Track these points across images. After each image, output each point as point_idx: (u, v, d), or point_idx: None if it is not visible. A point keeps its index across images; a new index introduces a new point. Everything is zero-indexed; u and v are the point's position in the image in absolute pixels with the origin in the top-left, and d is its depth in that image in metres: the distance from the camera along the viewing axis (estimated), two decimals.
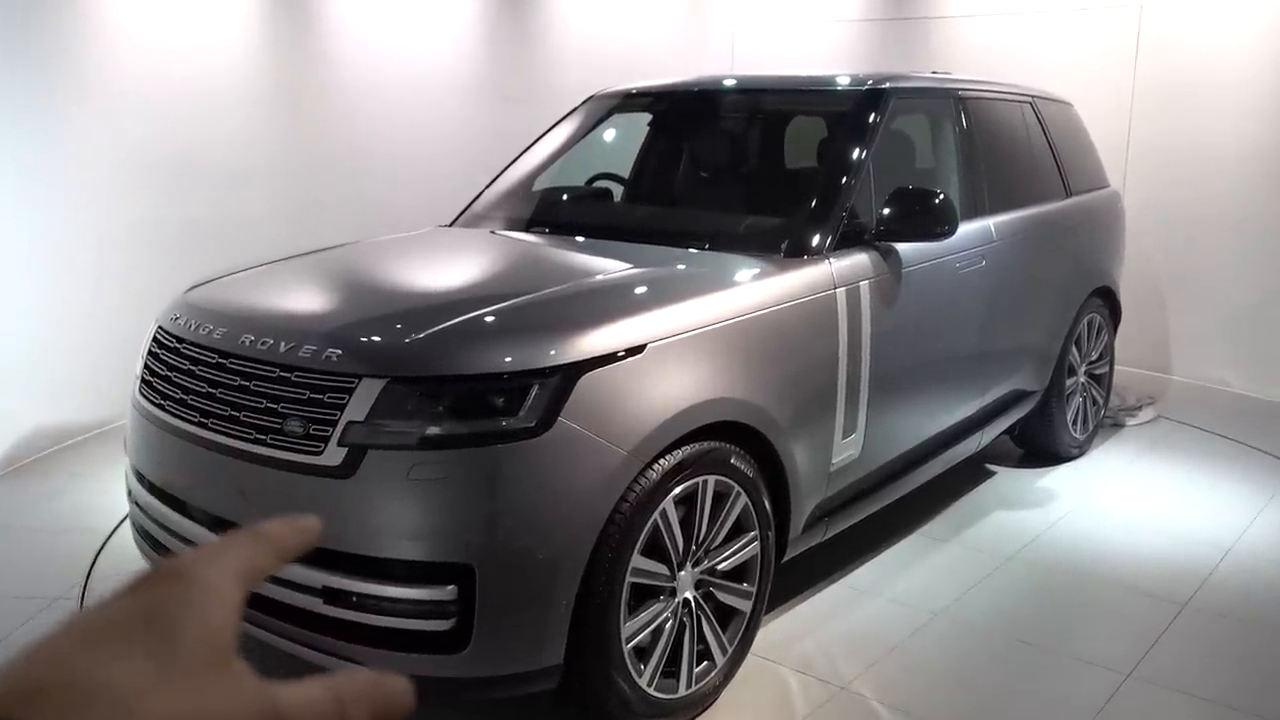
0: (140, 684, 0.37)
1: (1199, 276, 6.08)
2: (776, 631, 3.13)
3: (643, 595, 2.53)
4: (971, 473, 4.47)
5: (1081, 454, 4.78)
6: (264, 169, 5.54)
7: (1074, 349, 4.57)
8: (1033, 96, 4.54)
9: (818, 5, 7.25)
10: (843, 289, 3.05)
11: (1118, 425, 5.29)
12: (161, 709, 0.37)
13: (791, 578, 3.33)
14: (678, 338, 2.57)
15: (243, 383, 2.50)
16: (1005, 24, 6.56)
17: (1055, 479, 4.52)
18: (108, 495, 4.00)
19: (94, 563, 3.58)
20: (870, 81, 3.64)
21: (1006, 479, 4.51)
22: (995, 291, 3.86)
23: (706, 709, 2.73)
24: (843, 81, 3.71)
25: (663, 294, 2.73)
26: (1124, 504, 4.28)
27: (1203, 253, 6.05)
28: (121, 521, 3.80)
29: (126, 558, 3.49)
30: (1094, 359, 4.82)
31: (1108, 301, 4.86)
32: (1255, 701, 2.83)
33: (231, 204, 5.33)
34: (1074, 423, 4.67)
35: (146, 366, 2.85)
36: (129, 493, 2.95)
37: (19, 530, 3.87)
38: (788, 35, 7.32)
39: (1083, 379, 4.73)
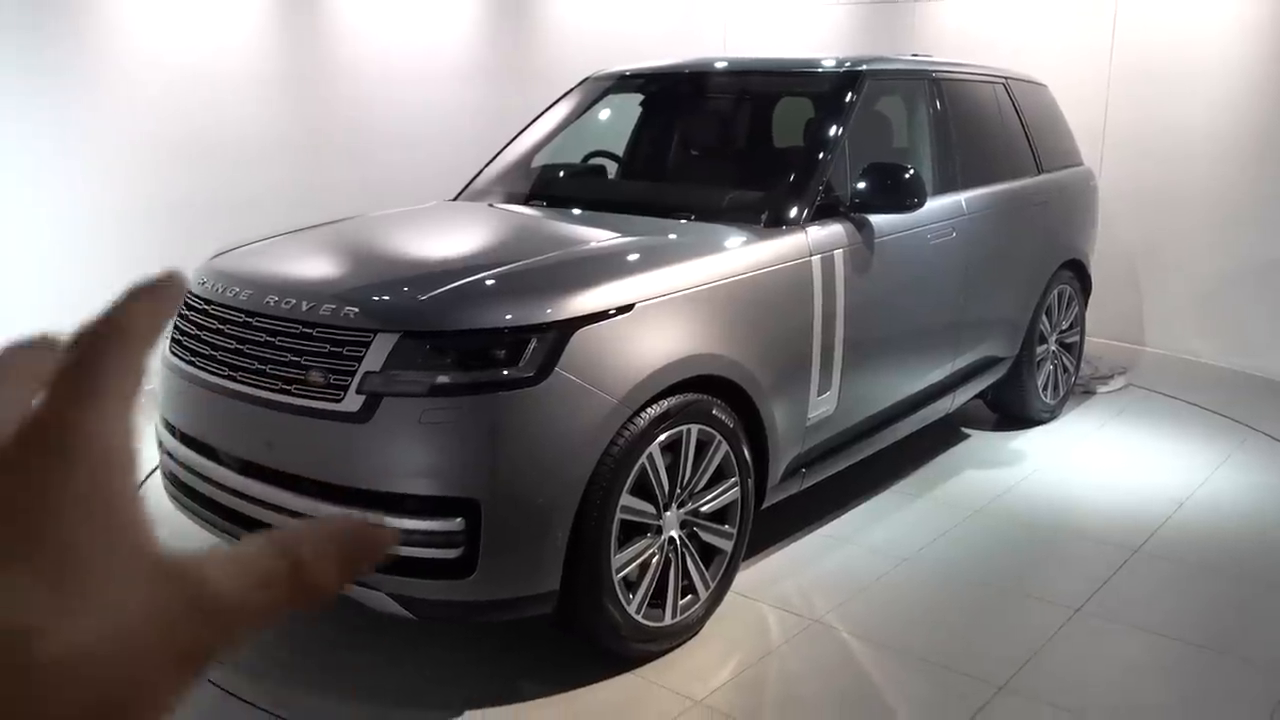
0: (32, 616, 0.28)
1: (1171, 252, 6.33)
2: (757, 574, 3.39)
3: (632, 531, 2.78)
4: (947, 435, 4.74)
5: (1053, 418, 5.04)
6: (273, 149, 5.78)
7: (1044, 318, 4.82)
8: (1006, 78, 4.77)
9: None
10: (818, 257, 3.30)
11: (1089, 392, 5.55)
12: (69, 642, 0.28)
13: (773, 526, 3.60)
14: (663, 298, 2.82)
15: (268, 339, 2.75)
16: (989, 8, 6.78)
17: (1026, 441, 4.78)
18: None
19: None
20: (848, 64, 3.87)
21: (980, 441, 4.77)
22: (966, 262, 4.10)
23: (691, 638, 3.00)
24: (822, 64, 3.94)
25: (650, 259, 2.97)
26: (1089, 463, 4.54)
27: (1175, 230, 6.29)
28: (150, 474, 4.07)
29: (155, 505, 3.76)
30: (1065, 328, 5.08)
31: (1078, 274, 5.10)
32: (1191, 633, 3.10)
33: (242, 183, 5.57)
34: (1045, 388, 4.93)
35: (176, 327, 3.09)
36: (159, 443, 3.21)
37: None
38: (779, 19, 7.53)
39: (1054, 347, 4.98)
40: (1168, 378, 5.83)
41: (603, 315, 2.67)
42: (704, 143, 4.36)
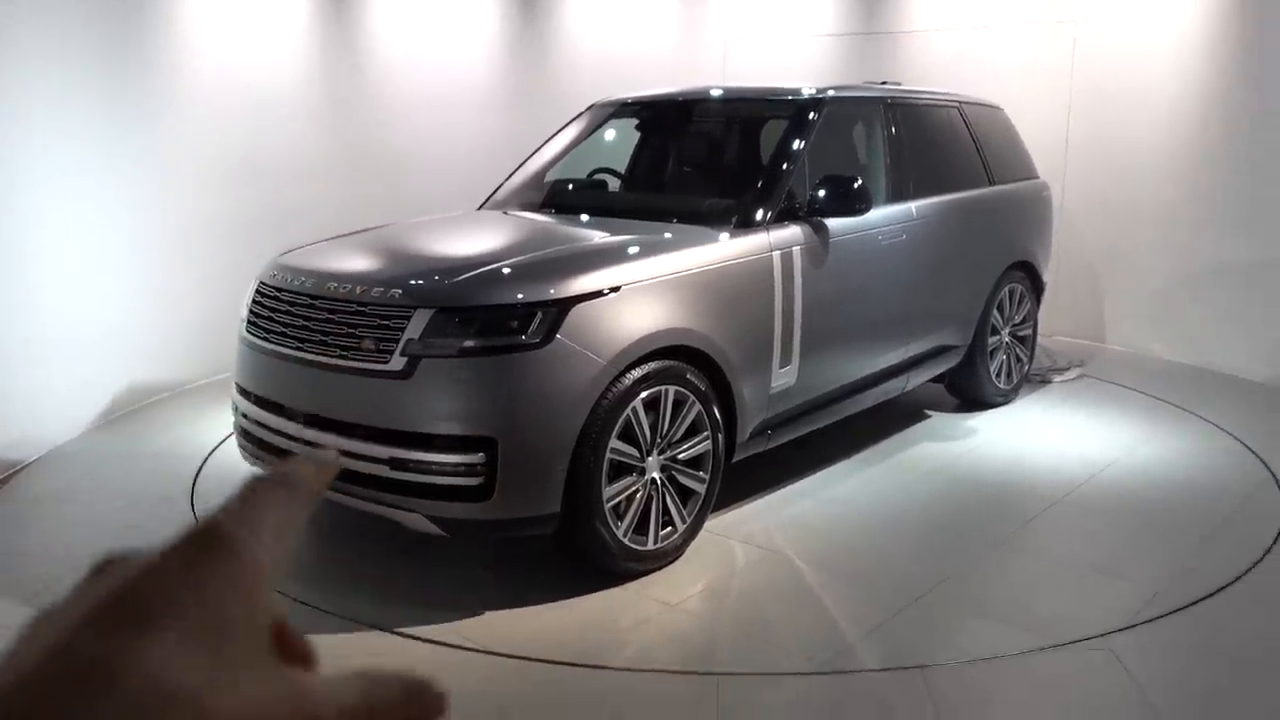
0: (205, 680, 0.34)
1: (1129, 256, 6.96)
2: (730, 519, 4.04)
3: (620, 470, 3.45)
4: (909, 415, 5.38)
5: (1007, 402, 5.67)
6: (317, 167, 6.54)
7: (996, 312, 5.47)
8: (960, 101, 5.44)
9: (800, 20, 8.17)
10: (777, 252, 3.97)
11: (1045, 382, 6.17)
12: (228, 709, 0.34)
13: (746, 483, 4.25)
14: (646, 282, 3.50)
15: (329, 316, 3.45)
16: (961, 37, 7.45)
17: (980, 420, 5.42)
18: (201, 435, 4.96)
19: (196, 476, 4.53)
20: (812, 91, 4.56)
21: (938, 420, 5.41)
22: (914, 260, 4.76)
23: (672, 562, 3.65)
24: (789, 91, 4.63)
25: (635, 252, 3.66)
26: (1033, 436, 5.17)
27: (1131, 236, 6.92)
28: (218, 445, 4.79)
29: (226, 470, 4.47)
30: (1017, 322, 5.71)
31: (1029, 274, 5.74)
32: (1089, 560, 3.73)
33: (289, 198, 6.32)
34: (998, 375, 5.56)
35: (251, 311, 3.80)
36: (234, 408, 3.90)
37: (123, 459, 4.80)
38: (774, 47, 8.24)
39: (1006, 339, 5.62)
40: (1121, 370, 6.44)
41: (596, 294, 3.36)
42: (690, 158, 5.07)
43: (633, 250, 3.69)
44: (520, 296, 3.29)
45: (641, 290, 3.49)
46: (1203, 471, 4.67)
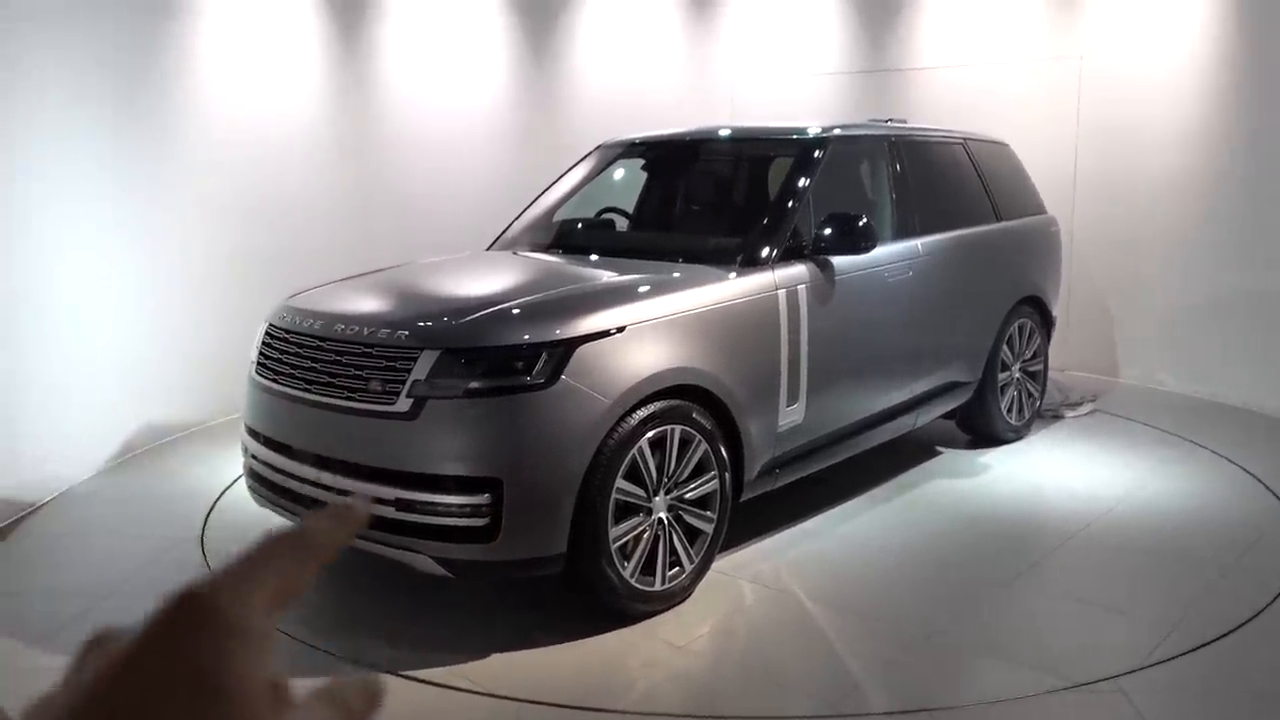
0: None
1: (1138, 290, 6.94)
2: (737, 558, 4.03)
3: (628, 510, 3.44)
4: (920, 452, 5.36)
5: (1019, 438, 5.64)
6: (327, 210, 6.62)
7: (1006, 347, 5.45)
8: (965, 138, 5.47)
9: (807, 59, 8.24)
10: (783, 290, 3.99)
11: (1058, 417, 6.14)
12: None
13: (755, 523, 4.24)
14: (651, 322, 3.52)
15: (336, 358, 3.48)
16: (967, 74, 7.50)
17: (992, 456, 5.39)
18: (214, 475, 4.99)
19: (207, 517, 4.55)
20: (817, 130, 4.59)
21: (950, 457, 5.38)
22: (921, 297, 4.76)
23: (680, 602, 3.63)
24: (794, 130, 4.66)
25: (640, 292, 3.67)
26: (1045, 473, 5.14)
27: (1143, 267, 6.91)
28: (229, 486, 4.81)
29: (237, 511, 4.48)
30: (1028, 358, 5.69)
31: (1038, 309, 5.73)
32: (1098, 597, 3.69)
33: (302, 238, 6.39)
34: (1010, 411, 5.54)
35: (260, 352, 3.84)
36: (244, 449, 3.92)
37: (136, 499, 4.82)
38: (781, 85, 8.31)
39: (1017, 374, 5.60)
40: (1134, 405, 6.40)
41: (601, 335, 3.37)
42: (696, 197, 5.10)
43: (637, 290, 3.71)
44: (526, 337, 3.31)
45: (646, 330, 3.50)
46: (1216, 507, 4.63)
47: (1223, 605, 3.61)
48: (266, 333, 3.86)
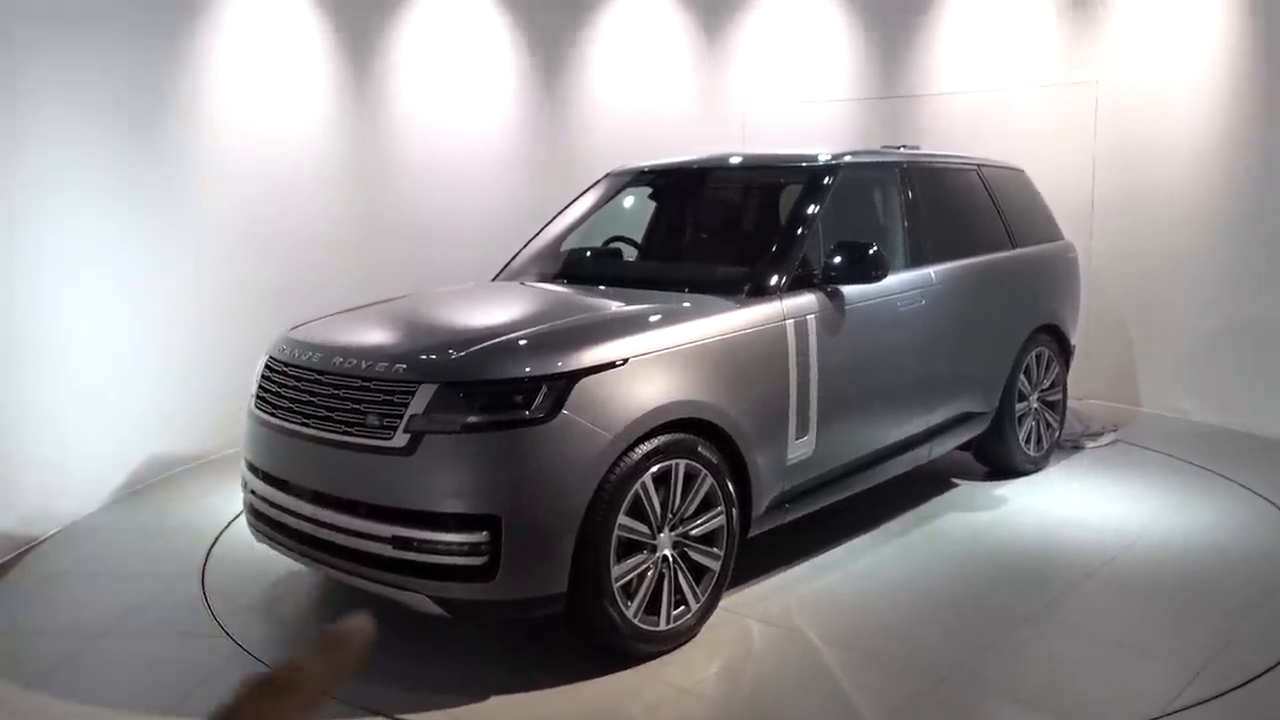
0: None
1: (1160, 316, 6.81)
2: (745, 596, 3.92)
3: (631, 548, 3.34)
4: (936, 484, 5.24)
5: (1037, 469, 5.51)
6: (337, 240, 6.59)
7: (1023, 377, 5.34)
8: (979, 165, 5.38)
9: (818, 86, 8.18)
10: (791, 321, 3.90)
11: (1078, 447, 6.00)
12: None
13: (765, 558, 4.13)
14: (654, 354, 3.43)
15: (334, 392, 3.41)
16: (983, 100, 7.42)
17: (1009, 489, 5.26)
18: (218, 510, 4.93)
19: (209, 553, 4.48)
20: (827, 157, 4.51)
21: (967, 489, 5.26)
22: (934, 326, 4.66)
23: (686, 642, 3.52)
24: (803, 157, 4.59)
25: (644, 324, 3.59)
26: (1064, 506, 5.00)
27: (1162, 294, 6.78)
28: (232, 521, 4.74)
29: (238, 545, 4.41)
30: (1046, 387, 5.57)
31: (1056, 337, 5.61)
32: (1121, 637, 3.55)
33: (310, 269, 6.36)
34: (1027, 441, 5.41)
35: (260, 386, 3.78)
36: (244, 484, 3.86)
37: (137, 534, 4.76)
38: (793, 111, 8.25)
39: (1035, 404, 5.47)
40: (1156, 435, 6.26)
41: (602, 367, 3.29)
42: (705, 226, 5.03)
43: (641, 321, 3.63)
44: (525, 370, 3.23)
45: (650, 362, 3.42)
46: (1241, 541, 4.48)
47: (1251, 646, 3.47)
48: (266, 365, 3.81)
